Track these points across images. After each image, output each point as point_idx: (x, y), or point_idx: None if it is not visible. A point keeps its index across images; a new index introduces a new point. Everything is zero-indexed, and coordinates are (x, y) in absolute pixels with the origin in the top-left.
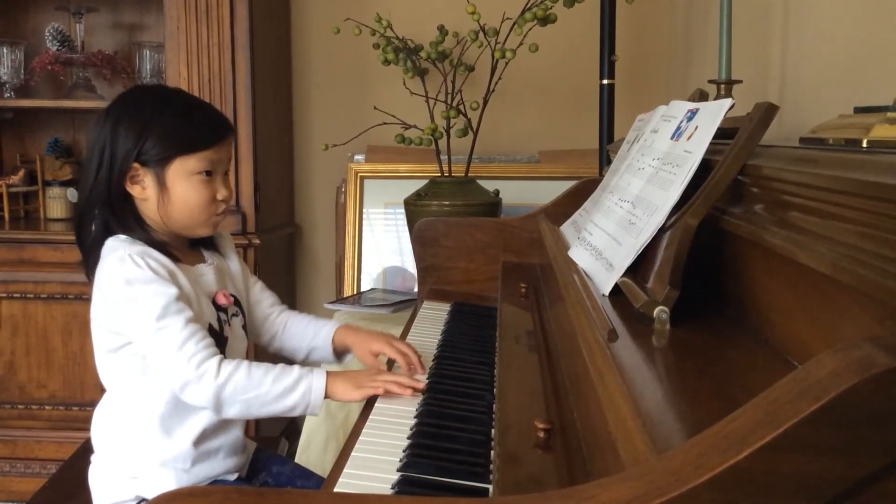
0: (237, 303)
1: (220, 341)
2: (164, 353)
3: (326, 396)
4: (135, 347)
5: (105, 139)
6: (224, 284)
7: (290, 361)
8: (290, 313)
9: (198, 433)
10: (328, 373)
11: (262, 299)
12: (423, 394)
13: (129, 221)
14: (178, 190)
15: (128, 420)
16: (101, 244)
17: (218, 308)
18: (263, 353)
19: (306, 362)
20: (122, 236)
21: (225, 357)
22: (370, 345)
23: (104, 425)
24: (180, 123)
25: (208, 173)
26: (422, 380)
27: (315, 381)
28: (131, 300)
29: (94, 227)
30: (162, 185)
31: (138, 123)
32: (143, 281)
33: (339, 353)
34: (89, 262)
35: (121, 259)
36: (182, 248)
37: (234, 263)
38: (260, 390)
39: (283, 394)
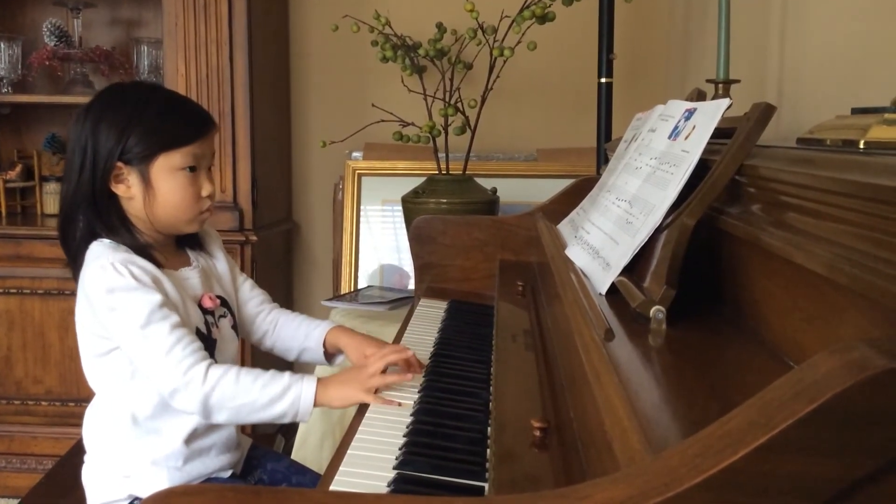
0: (225, 303)
1: (208, 344)
2: (152, 361)
3: (317, 405)
4: (123, 351)
5: (86, 139)
6: (210, 286)
7: (282, 361)
8: (282, 312)
9: (188, 431)
10: (319, 380)
11: (252, 297)
12: (419, 392)
13: (114, 222)
14: (162, 187)
15: (118, 420)
16: (86, 247)
17: (204, 311)
18: (258, 351)
19: (298, 362)
20: (106, 241)
21: (215, 360)
22: (364, 348)
23: (95, 425)
24: (163, 119)
25: (192, 169)
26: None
27: (304, 390)
28: (114, 309)
29: (79, 228)
30: (147, 182)
31: (120, 121)
32: (125, 289)
33: (331, 355)
34: (75, 263)
35: (102, 267)
36: (167, 249)
37: (221, 262)
38: (248, 398)
39: (271, 402)
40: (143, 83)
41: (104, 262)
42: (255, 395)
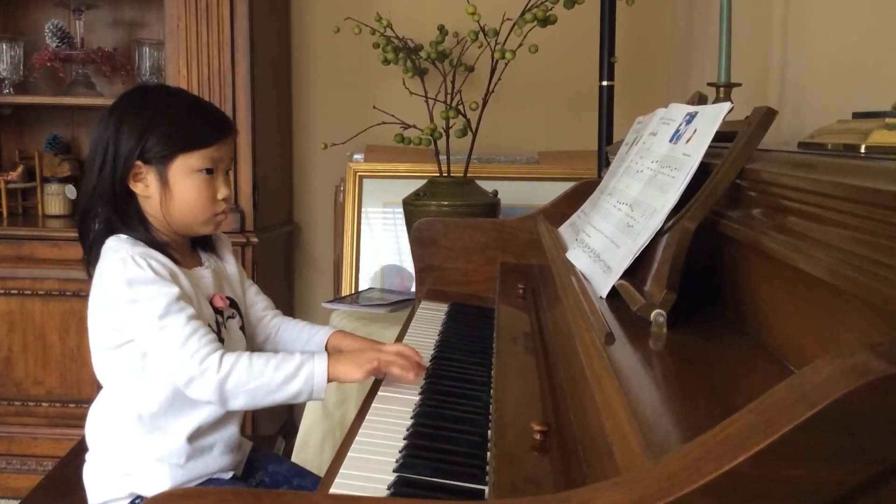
0: (234, 305)
1: None
2: (168, 351)
3: (330, 380)
4: (135, 345)
5: (108, 138)
6: (221, 287)
7: None
8: (284, 318)
9: (192, 429)
10: (330, 355)
11: (257, 302)
12: (419, 394)
13: (132, 219)
14: (179, 187)
15: (123, 416)
16: (103, 241)
17: (215, 311)
18: None
19: None
20: (124, 236)
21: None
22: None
23: (100, 421)
24: (183, 121)
25: (210, 171)
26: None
27: (317, 366)
28: (133, 301)
29: (96, 225)
30: (164, 182)
31: (141, 121)
32: (144, 281)
33: None
34: (91, 259)
35: (123, 260)
36: (182, 249)
37: (231, 265)
38: (262, 380)
39: (285, 381)
40: (166, 86)
41: (123, 254)
42: (269, 377)
